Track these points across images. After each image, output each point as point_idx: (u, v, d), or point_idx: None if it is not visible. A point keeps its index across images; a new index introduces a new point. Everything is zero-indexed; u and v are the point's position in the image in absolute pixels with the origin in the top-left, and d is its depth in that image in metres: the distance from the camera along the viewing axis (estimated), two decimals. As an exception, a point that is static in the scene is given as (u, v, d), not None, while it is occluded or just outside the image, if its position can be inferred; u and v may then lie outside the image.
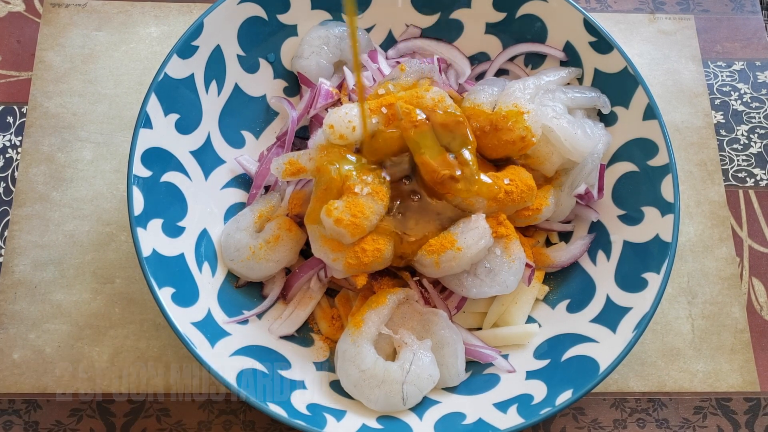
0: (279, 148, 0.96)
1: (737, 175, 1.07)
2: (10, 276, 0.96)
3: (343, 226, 0.80)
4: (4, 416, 0.90)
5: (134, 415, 0.91)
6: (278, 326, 0.91)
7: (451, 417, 0.83)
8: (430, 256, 0.83)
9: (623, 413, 0.94)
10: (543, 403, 0.82)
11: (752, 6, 1.17)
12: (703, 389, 0.95)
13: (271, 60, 1.00)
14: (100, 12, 1.10)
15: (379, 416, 0.83)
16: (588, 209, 0.95)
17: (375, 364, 0.83)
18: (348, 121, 0.84)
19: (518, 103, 0.88)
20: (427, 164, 0.83)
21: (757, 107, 1.11)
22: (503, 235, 0.86)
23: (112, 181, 1.01)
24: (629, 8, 1.16)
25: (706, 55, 1.14)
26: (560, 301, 0.94)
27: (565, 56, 0.98)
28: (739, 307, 0.99)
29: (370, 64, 0.98)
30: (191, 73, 0.92)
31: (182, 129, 0.91)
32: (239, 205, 0.96)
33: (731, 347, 0.97)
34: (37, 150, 1.02)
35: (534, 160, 0.90)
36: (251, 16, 0.96)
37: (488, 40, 1.02)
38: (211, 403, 0.92)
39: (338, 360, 0.85)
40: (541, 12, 0.97)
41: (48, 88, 1.06)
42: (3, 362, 0.92)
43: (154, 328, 0.95)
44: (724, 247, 1.02)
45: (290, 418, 0.79)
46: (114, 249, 0.98)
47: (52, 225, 0.99)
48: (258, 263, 0.89)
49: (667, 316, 0.98)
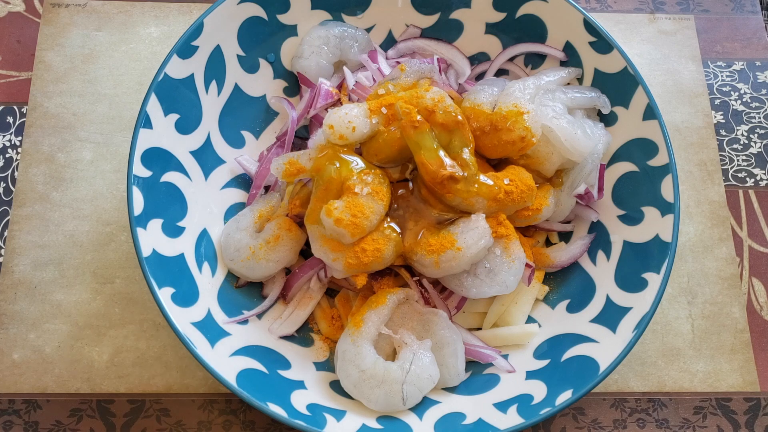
0: (279, 148, 0.96)
1: (737, 175, 1.07)
2: (10, 276, 0.96)
3: (343, 226, 0.80)
4: (4, 416, 0.90)
5: (134, 415, 0.91)
6: (278, 326, 0.91)
7: (451, 417, 0.83)
8: (430, 256, 0.83)
9: (623, 413, 0.94)
10: (543, 403, 0.82)
11: (752, 6, 1.17)
12: (703, 389, 0.95)
13: (271, 60, 1.00)
14: (100, 12, 1.10)
15: (379, 416, 0.83)
16: (588, 209, 0.95)
17: (375, 365, 0.83)
18: (348, 121, 0.84)
19: (518, 104, 0.88)
20: (426, 164, 0.83)
21: (757, 107, 1.11)
22: (503, 235, 0.86)
23: (112, 181, 1.01)
24: (629, 8, 1.16)
25: (706, 55, 1.14)
26: (560, 301, 0.94)
27: (565, 56, 0.98)
28: (739, 307, 0.99)
29: (370, 64, 0.98)
30: (191, 73, 0.92)
31: (182, 129, 0.91)
32: (239, 205, 0.96)
33: (731, 347, 0.97)
34: (37, 150, 1.02)
35: (534, 161, 0.90)
36: (251, 16, 0.96)
37: (488, 40, 1.02)
38: (211, 403, 0.92)
39: (338, 360, 0.85)
40: (541, 12, 0.97)
41: (48, 88, 1.06)
42: (3, 362, 0.92)
43: (154, 328, 0.95)
44: (724, 247, 1.02)
45: (290, 418, 0.79)
46: (114, 249, 0.98)
47: (52, 225, 0.99)
48: (258, 263, 0.89)
49: (667, 316, 0.98)
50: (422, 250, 0.84)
